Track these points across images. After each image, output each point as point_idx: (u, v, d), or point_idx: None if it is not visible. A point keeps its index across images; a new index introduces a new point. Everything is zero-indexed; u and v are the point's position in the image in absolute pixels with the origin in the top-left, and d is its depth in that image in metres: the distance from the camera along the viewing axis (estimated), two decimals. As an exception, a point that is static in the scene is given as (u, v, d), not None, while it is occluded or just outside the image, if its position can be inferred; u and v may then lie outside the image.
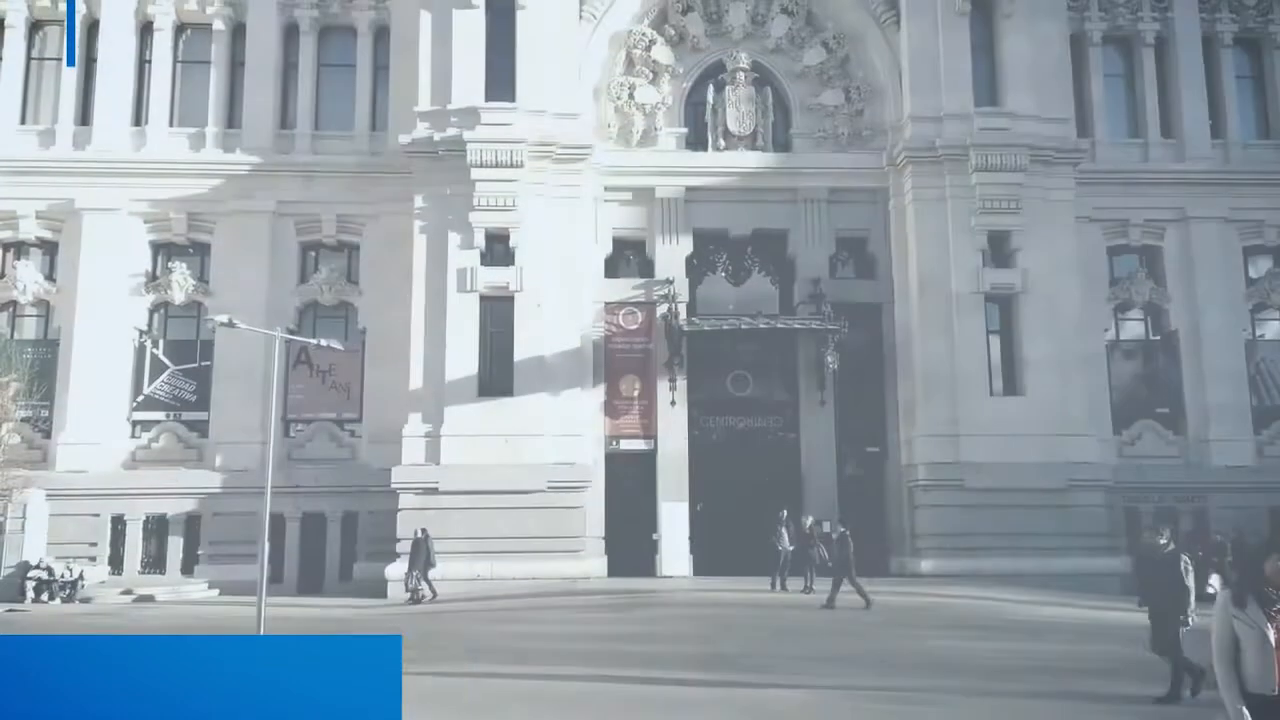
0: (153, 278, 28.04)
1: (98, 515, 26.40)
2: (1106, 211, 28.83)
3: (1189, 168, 29.40)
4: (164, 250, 28.36)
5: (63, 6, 28.44)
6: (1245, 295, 29.34)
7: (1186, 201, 29.15)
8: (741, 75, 27.94)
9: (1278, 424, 28.91)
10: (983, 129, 26.60)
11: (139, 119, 28.61)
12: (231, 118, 28.73)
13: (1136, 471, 27.73)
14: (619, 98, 27.82)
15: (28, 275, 27.82)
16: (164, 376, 27.82)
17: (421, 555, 23.16)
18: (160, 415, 27.67)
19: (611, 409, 27.00)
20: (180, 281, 27.66)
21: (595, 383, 26.75)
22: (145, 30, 29.05)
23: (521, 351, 25.60)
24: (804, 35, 28.49)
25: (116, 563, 26.57)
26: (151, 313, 28.16)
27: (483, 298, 25.74)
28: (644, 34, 27.95)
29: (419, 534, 23.39)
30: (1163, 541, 11.62)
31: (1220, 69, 30.38)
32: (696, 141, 28.31)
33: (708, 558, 25.97)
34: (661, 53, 28.06)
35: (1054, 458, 25.66)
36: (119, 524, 26.65)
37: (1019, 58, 27.35)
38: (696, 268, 27.78)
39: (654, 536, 26.14)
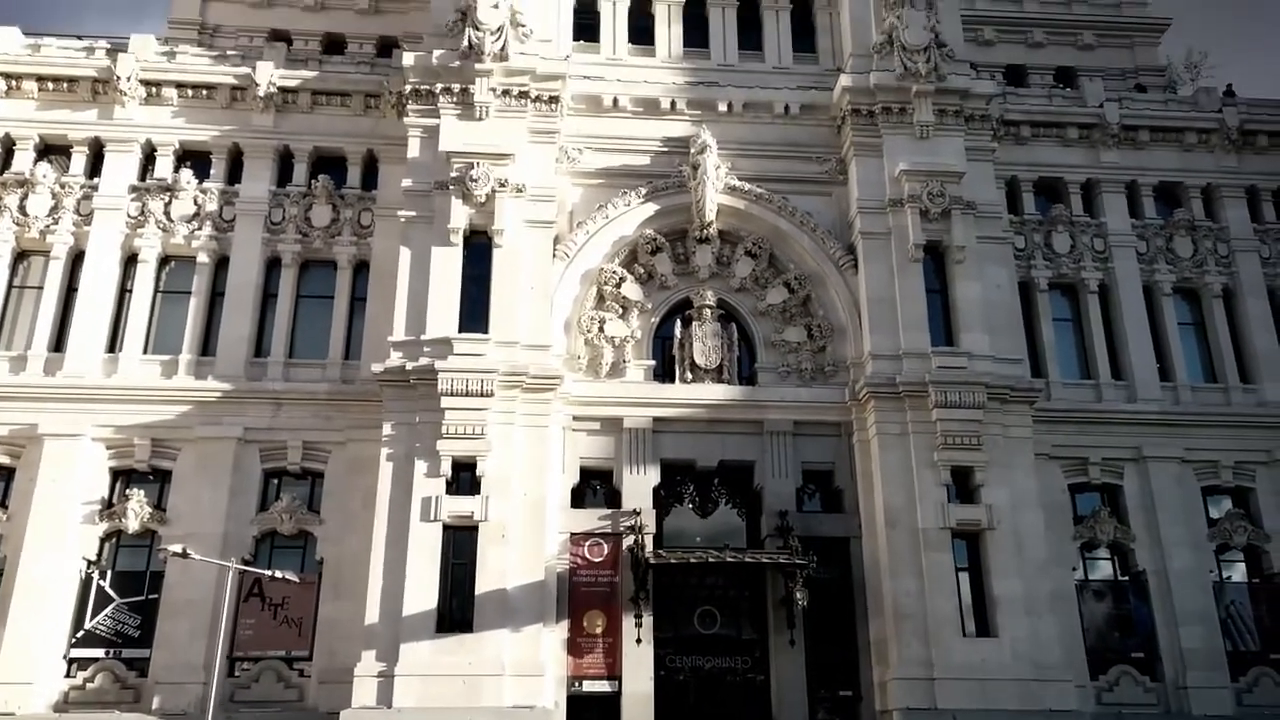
0: (108, 505, 27.36)
1: (19, 765, 24.56)
2: (1065, 450, 29.40)
3: (1141, 409, 30.26)
4: (123, 477, 27.84)
5: (50, 239, 29.49)
6: (1208, 535, 29.49)
7: (1142, 441, 29.82)
8: (708, 311, 28.98)
9: (1254, 670, 28.36)
10: (940, 367, 27.39)
11: (114, 346, 28.87)
12: (207, 345, 29.07)
13: (1117, 720, 26.90)
14: (589, 331, 28.63)
15: (-22, 502, 27.13)
16: (108, 610, 26.64)
17: None
18: (99, 652, 26.29)
19: (574, 646, 26.05)
20: (136, 509, 27.01)
21: (559, 618, 25.93)
22: (130, 262, 29.81)
23: (484, 584, 24.91)
24: (767, 276, 29.78)
25: (33, 818, 24.45)
26: (102, 542, 27.27)
27: (446, 527, 25.29)
28: (614, 272, 29.11)
29: None
30: None
31: (1163, 315, 31.85)
32: (664, 374, 28.90)
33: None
34: (631, 289, 29.15)
35: (1033, 705, 24.94)
36: (41, 774, 24.74)
37: (971, 301, 28.61)
38: (664, 499, 27.66)
39: (617, 790, 24.65)
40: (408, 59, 28.92)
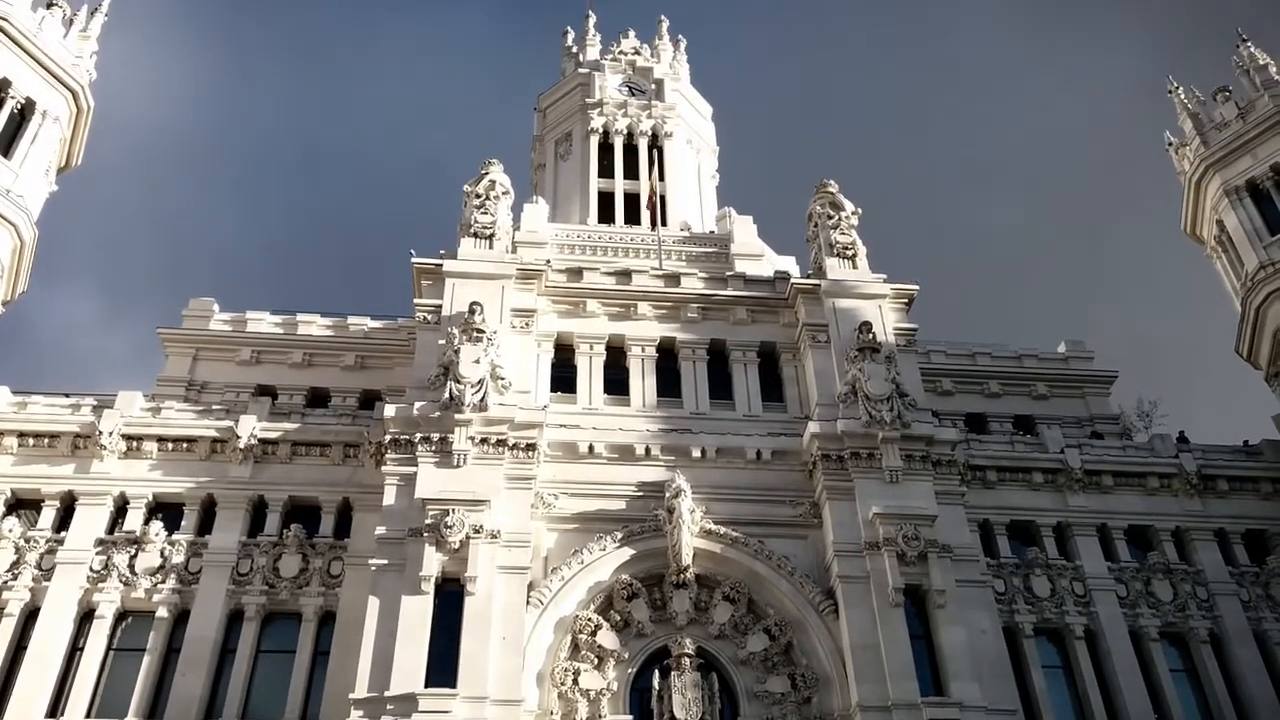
0: None
1: None
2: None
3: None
4: None
5: (6, 595, 28.51)
6: None
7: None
8: (687, 661, 27.74)
9: None
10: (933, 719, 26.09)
11: (57, 709, 27.16)
12: (156, 706, 27.42)
13: None
14: (563, 684, 27.27)
15: None
16: None
17: None
18: None
19: None
20: None
21: None
22: (86, 618, 28.74)
23: None
24: (747, 622, 28.97)
25: None
26: None
27: None
28: (590, 619, 28.24)
29: None
30: None
31: (1154, 662, 31.00)
32: (643, 730, 27.28)
33: None
34: (607, 638, 28.15)
35: None
36: None
37: (957, 647, 27.76)
38: None
39: None
40: (389, 410, 29.77)
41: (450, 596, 27.04)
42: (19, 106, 36.17)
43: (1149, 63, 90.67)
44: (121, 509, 30.51)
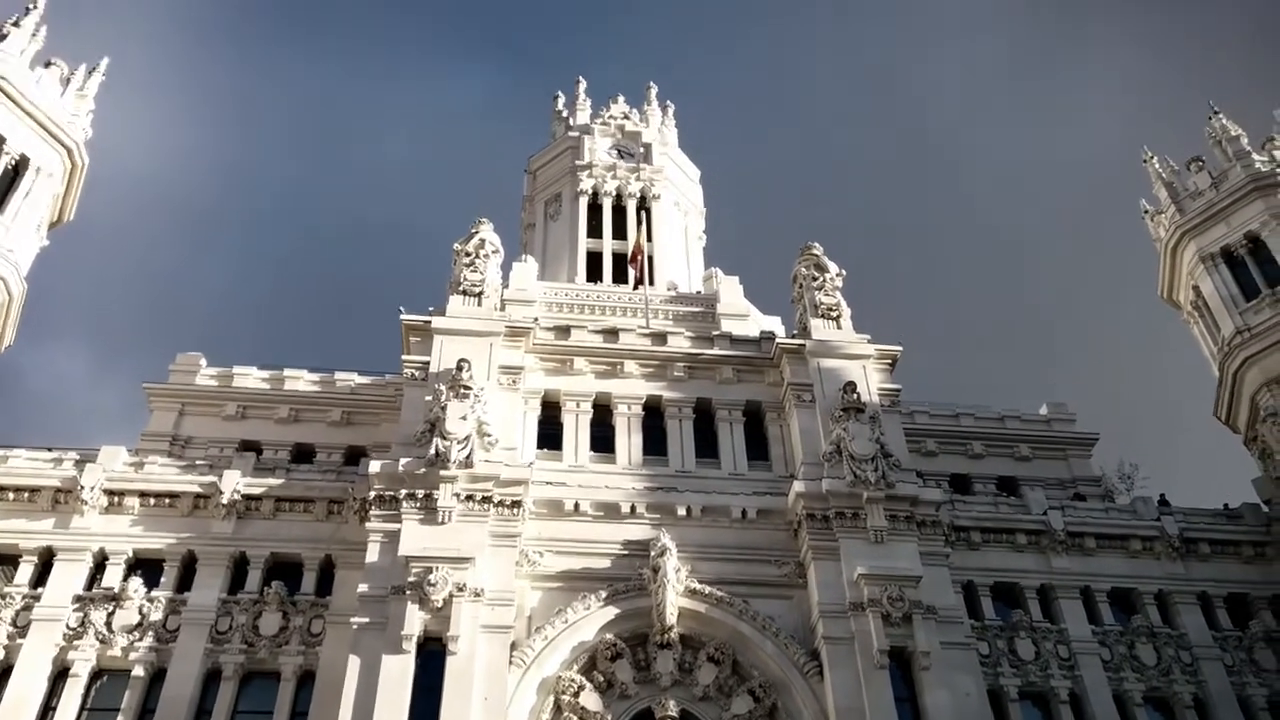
0: None
1: None
2: None
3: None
4: None
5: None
6: None
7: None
8: (672, 739, 27.67)
9: None
10: (922, 787, 25.90)
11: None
12: (126, 762, 26.90)
13: None
14: (546, 749, 26.98)
15: None
16: None
17: None
18: None
19: None
20: None
21: None
22: (60, 676, 28.25)
23: None
24: (731, 684, 28.68)
25: None
26: None
27: None
28: (573, 680, 27.93)
29: None
30: None
31: (1136, 724, 30.85)
32: (627, 801, 26.86)
33: None
34: (590, 699, 27.80)
35: None
36: None
37: (942, 710, 27.53)
38: None
39: None
40: (374, 466, 29.68)
41: (432, 656, 26.73)
42: (13, 162, 36.52)
43: (1125, 135, 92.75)
44: (100, 565, 30.18)
